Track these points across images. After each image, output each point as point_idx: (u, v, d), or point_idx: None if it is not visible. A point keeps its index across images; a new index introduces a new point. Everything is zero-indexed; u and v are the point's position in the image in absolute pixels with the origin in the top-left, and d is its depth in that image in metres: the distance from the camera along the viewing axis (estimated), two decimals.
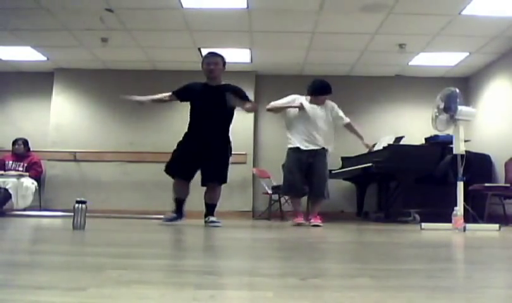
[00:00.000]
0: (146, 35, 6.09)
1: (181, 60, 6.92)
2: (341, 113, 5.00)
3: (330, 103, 4.96)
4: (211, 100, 4.35)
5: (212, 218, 4.32)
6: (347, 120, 5.02)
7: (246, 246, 2.80)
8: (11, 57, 6.95)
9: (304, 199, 5.25)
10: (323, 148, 4.84)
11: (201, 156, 4.28)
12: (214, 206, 4.44)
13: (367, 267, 1.78)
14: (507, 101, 6.29)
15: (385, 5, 5.06)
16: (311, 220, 4.76)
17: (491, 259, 2.23)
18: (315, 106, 4.89)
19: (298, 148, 4.83)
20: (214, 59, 4.43)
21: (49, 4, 5.18)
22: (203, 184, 4.39)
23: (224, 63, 4.46)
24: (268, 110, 5.07)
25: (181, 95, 4.53)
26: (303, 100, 4.91)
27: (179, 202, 4.44)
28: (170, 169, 4.40)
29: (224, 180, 4.41)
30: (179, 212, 4.43)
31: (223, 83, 4.47)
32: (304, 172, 4.82)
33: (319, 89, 4.91)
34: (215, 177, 4.37)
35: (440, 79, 7.16)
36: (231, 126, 4.49)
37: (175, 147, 4.44)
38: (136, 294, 1.17)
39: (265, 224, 5.54)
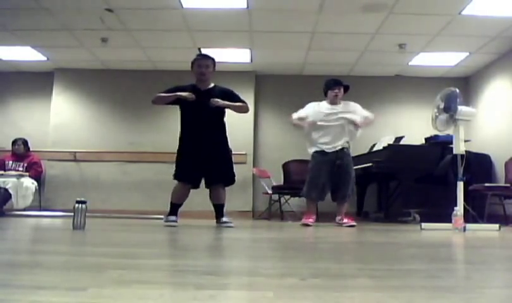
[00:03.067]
0: (146, 35, 6.08)
1: (181, 60, 6.89)
2: None
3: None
4: (201, 103, 4.31)
5: (224, 219, 4.28)
6: None
7: (246, 246, 2.80)
8: (11, 57, 6.95)
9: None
10: None
11: (201, 160, 4.24)
12: (222, 206, 4.38)
13: (367, 267, 1.78)
14: (507, 101, 6.29)
15: (385, 5, 5.06)
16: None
17: (491, 259, 2.23)
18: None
19: None
20: (205, 61, 4.40)
21: (49, 4, 5.18)
22: (207, 186, 4.35)
23: (215, 65, 4.44)
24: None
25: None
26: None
27: (176, 207, 4.34)
28: (178, 176, 4.32)
29: (231, 181, 4.39)
30: (174, 215, 4.31)
31: (212, 84, 4.44)
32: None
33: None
34: (220, 178, 4.34)
35: (440, 79, 7.16)
36: (230, 126, 4.47)
37: (176, 155, 4.36)
38: (136, 294, 1.17)
39: (265, 224, 5.53)
